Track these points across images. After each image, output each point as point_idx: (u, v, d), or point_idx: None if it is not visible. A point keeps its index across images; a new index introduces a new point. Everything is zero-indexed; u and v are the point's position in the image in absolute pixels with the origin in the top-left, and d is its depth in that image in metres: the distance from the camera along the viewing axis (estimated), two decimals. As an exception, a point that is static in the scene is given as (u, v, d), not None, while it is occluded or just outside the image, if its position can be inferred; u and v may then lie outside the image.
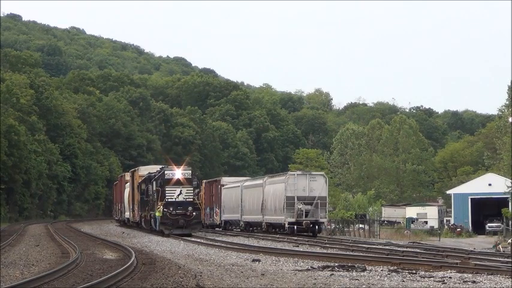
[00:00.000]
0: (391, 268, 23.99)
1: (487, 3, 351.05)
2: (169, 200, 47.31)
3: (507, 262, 26.09)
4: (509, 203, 75.70)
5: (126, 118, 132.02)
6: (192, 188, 47.77)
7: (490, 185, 79.29)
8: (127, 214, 66.34)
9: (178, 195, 47.32)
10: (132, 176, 62.82)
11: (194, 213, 47.40)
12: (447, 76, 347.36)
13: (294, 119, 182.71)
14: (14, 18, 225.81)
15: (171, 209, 47.11)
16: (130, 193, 62.90)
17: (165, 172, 48.02)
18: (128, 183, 66.13)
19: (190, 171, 48.31)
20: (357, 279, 20.95)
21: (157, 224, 48.16)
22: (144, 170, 59.58)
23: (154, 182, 49.41)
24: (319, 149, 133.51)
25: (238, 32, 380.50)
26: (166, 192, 47.38)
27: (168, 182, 47.56)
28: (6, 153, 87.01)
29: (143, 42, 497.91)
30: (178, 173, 47.77)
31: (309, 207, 48.95)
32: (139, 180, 56.97)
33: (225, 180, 68.81)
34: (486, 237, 69.02)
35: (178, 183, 47.47)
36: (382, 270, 23.34)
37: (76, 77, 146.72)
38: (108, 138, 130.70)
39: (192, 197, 47.67)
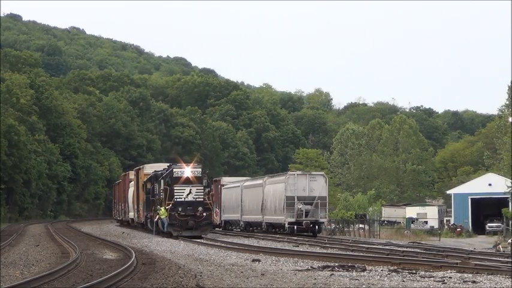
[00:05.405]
0: (391, 268, 23.98)
1: (487, 3, 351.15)
2: (178, 199, 44.77)
3: (507, 262, 26.09)
4: (509, 203, 75.68)
5: (126, 118, 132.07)
6: (202, 187, 45.12)
7: (490, 185, 79.21)
8: (131, 214, 64.51)
9: (188, 194, 44.80)
10: (137, 175, 60.56)
11: (204, 214, 44.65)
12: (447, 76, 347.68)
13: (294, 119, 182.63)
14: (14, 18, 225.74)
15: (180, 209, 44.52)
16: (135, 192, 60.68)
17: (174, 170, 45.25)
18: (132, 182, 63.92)
19: (200, 169, 45.71)
20: (357, 279, 20.95)
21: (164, 225, 45.77)
22: (149, 168, 57.04)
23: (161, 181, 46.47)
24: (319, 149, 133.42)
25: (238, 32, 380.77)
26: (175, 191, 44.82)
27: (176, 180, 44.91)
28: (6, 153, 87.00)
29: (143, 42, 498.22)
30: (187, 171, 45.17)
31: (309, 207, 48.96)
32: (145, 179, 54.86)
33: (225, 180, 68.76)
34: (486, 237, 68.98)
35: (187, 181, 44.89)
36: (382, 270, 23.34)
37: (76, 77, 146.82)
38: (108, 138, 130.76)
39: (202, 196, 44.94)
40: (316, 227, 49.65)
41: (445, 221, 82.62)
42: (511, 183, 73.14)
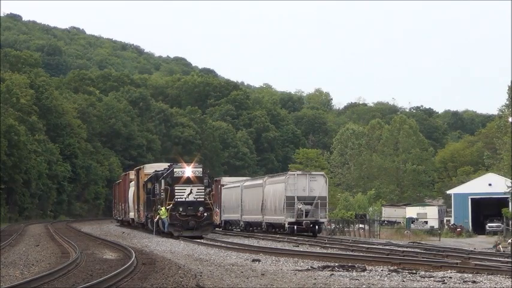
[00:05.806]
0: (391, 268, 23.98)
1: (487, 3, 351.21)
2: (179, 199, 44.50)
3: (507, 262, 26.08)
4: (509, 203, 75.67)
5: (126, 118, 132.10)
6: (203, 187, 44.90)
7: (490, 185, 79.19)
8: (131, 214, 64.28)
9: (189, 194, 44.53)
10: (137, 175, 60.35)
11: (205, 214, 44.37)
12: (447, 76, 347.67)
13: (294, 119, 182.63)
14: (14, 18, 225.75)
15: (181, 209, 44.25)
16: (136, 192, 60.47)
17: (175, 170, 45.05)
18: (133, 182, 63.66)
19: (201, 169, 45.46)
20: (357, 279, 20.95)
21: (165, 225, 45.53)
22: (149, 168, 56.93)
23: (162, 181, 46.16)
24: (319, 149, 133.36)
25: (238, 32, 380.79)
26: (176, 191, 44.58)
27: (177, 180, 44.65)
28: (6, 153, 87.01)
29: (143, 42, 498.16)
30: (188, 170, 44.94)
31: (309, 207, 48.97)
32: (145, 179, 54.64)
33: (225, 180, 68.77)
34: (486, 237, 68.97)
35: (188, 181, 44.66)
36: (382, 270, 23.34)
37: (76, 77, 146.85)
38: (108, 138, 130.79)
39: (203, 196, 44.71)
40: (316, 227, 49.65)
41: (445, 221, 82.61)
42: (511, 183, 73.14)
